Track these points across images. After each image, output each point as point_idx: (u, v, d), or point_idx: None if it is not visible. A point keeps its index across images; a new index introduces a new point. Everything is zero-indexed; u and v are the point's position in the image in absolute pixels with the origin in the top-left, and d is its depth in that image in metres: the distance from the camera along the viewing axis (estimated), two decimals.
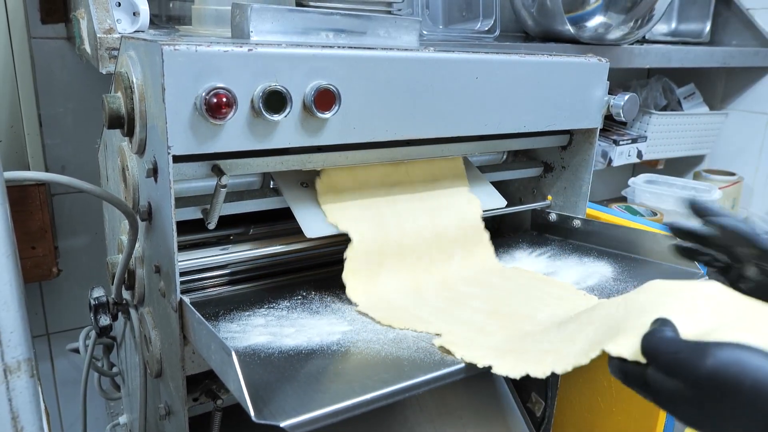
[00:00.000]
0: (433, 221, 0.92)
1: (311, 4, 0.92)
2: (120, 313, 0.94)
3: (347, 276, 0.84)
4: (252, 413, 0.55)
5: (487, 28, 1.45)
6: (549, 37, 1.49)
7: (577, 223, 1.08)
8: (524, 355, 0.67)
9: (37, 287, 1.35)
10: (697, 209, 0.77)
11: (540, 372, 0.64)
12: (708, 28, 1.95)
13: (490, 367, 0.66)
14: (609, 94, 1.01)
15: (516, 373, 0.65)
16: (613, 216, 1.13)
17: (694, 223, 0.78)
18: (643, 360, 0.55)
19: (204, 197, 0.80)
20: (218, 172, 0.75)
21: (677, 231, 0.80)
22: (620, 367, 0.58)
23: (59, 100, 1.24)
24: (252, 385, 0.58)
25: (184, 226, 0.82)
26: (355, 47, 0.75)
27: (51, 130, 1.25)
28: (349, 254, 0.84)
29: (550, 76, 0.92)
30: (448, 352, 0.70)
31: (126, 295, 0.92)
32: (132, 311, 0.91)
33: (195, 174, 0.76)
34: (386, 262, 0.87)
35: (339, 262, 0.85)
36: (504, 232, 1.22)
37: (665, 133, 1.92)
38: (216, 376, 0.63)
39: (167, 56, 0.61)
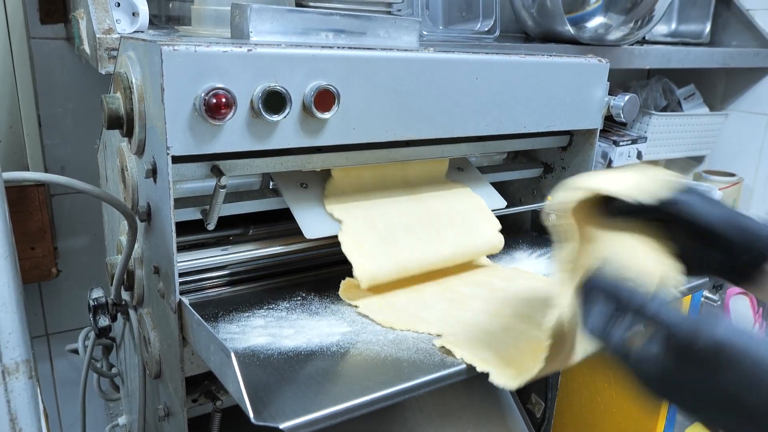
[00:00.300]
0: (452, 245, 0.91)
1: (311, 4, 0.92)
2: (119, 314, 0.94)
3: (344, 293, 0.85)
4: (251, 415, 0.55)
5: (487, 29, 1.45)
6: (549, 37, 1.49)
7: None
8: (523, 364, 0.67)
9: (37, 288, 1.34)
10: None
11: (536, 370, 0.64)
12: (708, 28, 1.95)
13: (487, 374, 0.66)
14: (609, 94, 1.01)
15: (513, 385, 0.65)
16: None
17: None
18: None
19: (203, 198, 0.80)
20: (217, 172, 0.75)
21: None
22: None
23: (58, 100, 1.24)
24: (251, 387, 0.57)
25: (183, 227, 0.82)
26: (354, 47, 0.75)
27: (50, 130, 1.25)
28: (350, 281, 0.85)
29: (550, 77, 0.92)
30: (449, 352, 0.70)
31: (125, 295, 0.92)
32: (131, 312, 0.91)
33: (194, 175, 0.75)
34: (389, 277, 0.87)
35: (339, 263, 0.85)
36: (504, 233, 1.21)
37: (665, 133, 1.92)
38: (215, 377, 0.63)
39: (166, 56, 0.61)
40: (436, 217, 0.92)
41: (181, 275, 0.80)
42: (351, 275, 0.83)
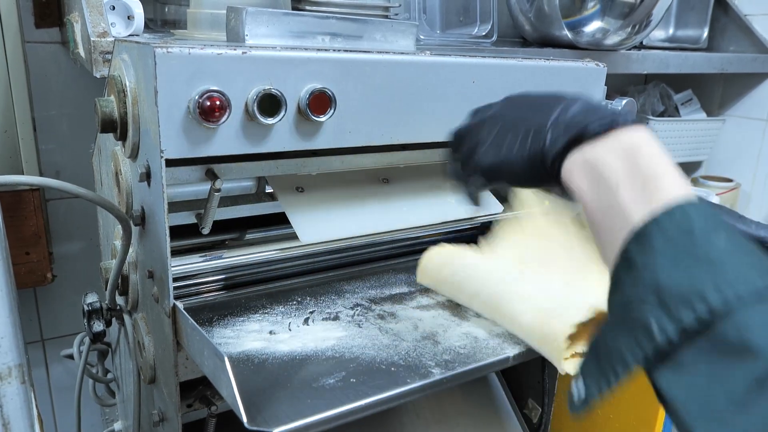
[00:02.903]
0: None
1: (307, 8, 0.92)
2: (114, 319, 0.93)
3: None
4: (244, 420, 0.54)
5: (484, 33, 1.45)
6: (546, 42, 1.49)
7: None
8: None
9: (32, 293, 1.34)
10: None
11: None
12: (706, 34, 1.95)
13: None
14: (606, 99, 1.00)
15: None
16: None
17: None
18: None
19: (198, 202, 0.79)
20: (212, 176, 0.74)
21: None
22: None
23: (54, 104, 1.24)
24: (245, 391, 0.57)
25: (178, 231, 0.82)
26: (350, 50, 0.75)
27: (45, 134, 1.25)
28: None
29: (547, 81, 0.92)
30: None
31: (120, 300, 0.91)
32: (126, 317, 0.90)
33: (189, 178, 0.75)
34: None
35: (334, 268, 0.85)
36: None
37: (663, 139, 1.92)
38: (210, 382, 0.63)
39: (160, 59, 0.61)
40: None
41: (175, 279, 0.79)
42: (346, 279, 0.82)
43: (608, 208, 0.50)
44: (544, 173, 0.58)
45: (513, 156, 0.60)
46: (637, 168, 0.50)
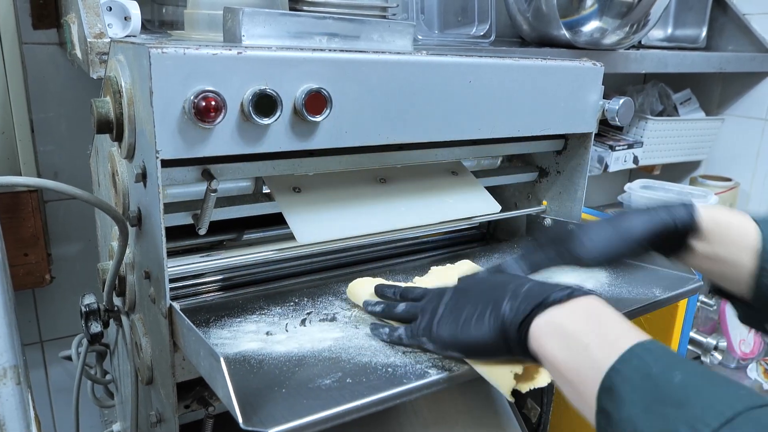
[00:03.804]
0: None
1: (304, 8, 0.92)
2: (112, 320, 0.93)
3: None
4: (240, 420, 0.54)
5: (482, 33, 1.45)
6: (545, 42, 1.49)
7: (572, 228, 1.07)
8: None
9: (31, 294, 1.34)
10: None
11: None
12: (704, 33, 1.95)
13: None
14: (605, 98, 1.00)
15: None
16: None
17: None
18: None
19: (195, 202, 0.79)
20: (208, 176, 0.74)
21: None
22: None
23: (51, 105, 1.24)
24: (241, 392, 0.57)
25: (175, 232, 0.82)
26: (346, 50, 0.75)
27: (43, 136, 1.25)
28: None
29: (544, 80, 0.92)
30: None
31: (117, 301, 0.91)
32: (123, 318, 0.90)
33: (185, 179, 0.75)
34: None
35: (331, 268, 0.85)
36: (499, 238, 1.21)
37: (661, 138, 1.92)
38: (207, 383, 0.63)
39: (155, 59, 0.61)
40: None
41: (173, 280, 0.79)
42: (344, 280, 0.82)
43: (581, 365, 0.55)
44: (510, 341, 0.62)
45: (472, 328, 0.64)
46: (602, 327, 0.57)
